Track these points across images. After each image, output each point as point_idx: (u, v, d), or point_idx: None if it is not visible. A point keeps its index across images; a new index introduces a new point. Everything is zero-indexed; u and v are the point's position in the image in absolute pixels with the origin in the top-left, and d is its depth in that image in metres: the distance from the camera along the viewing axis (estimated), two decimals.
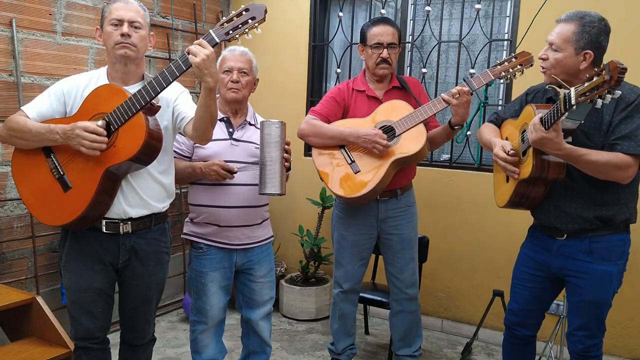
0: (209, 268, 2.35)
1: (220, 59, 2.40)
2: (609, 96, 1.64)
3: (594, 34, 1.93)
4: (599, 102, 1.67)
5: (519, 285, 2.24)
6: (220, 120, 2.36)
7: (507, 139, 2.20)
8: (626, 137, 1.88)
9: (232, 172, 2.25)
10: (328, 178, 2.59)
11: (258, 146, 2.22)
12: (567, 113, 1.76)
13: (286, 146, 2.19)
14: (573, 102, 1.70)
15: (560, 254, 2.07)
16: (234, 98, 2.34)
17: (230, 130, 2.36)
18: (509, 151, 2.04)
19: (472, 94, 2.40)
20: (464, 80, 2.40)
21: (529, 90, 2.26)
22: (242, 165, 2.32)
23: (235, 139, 2.35)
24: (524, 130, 2.03)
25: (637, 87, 1.96)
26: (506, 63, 2.38)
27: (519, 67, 2.35)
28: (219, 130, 2.33)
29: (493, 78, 2.39)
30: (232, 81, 2.32)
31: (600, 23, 1.94)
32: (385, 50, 2.55)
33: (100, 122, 1.84)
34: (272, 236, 2.53)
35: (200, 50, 1.76)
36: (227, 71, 2.35)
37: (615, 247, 2.03)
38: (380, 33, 2.55)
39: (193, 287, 2.40)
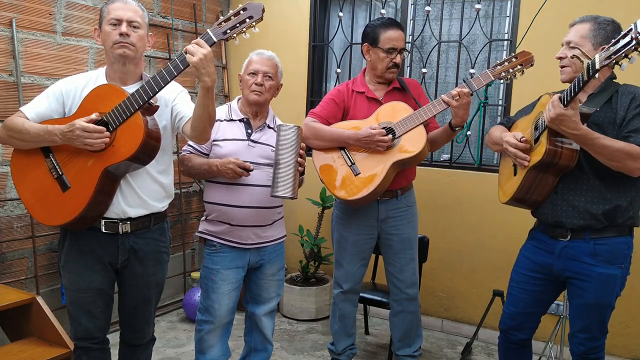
0: (222, 266, 2.35)
1: (246, 60, 2.42)
2: (635, 55, 1.64)
3: (609, 31, 2.00)
4: (624, 64, 1.67)
5: (517, 288, 2.22)
6: (240, 120, 2.38)
7: None
8: (638, 130, 1.91)
9: (247, 170, 2.25)
10: (328, 180, 2.59)
11: (274, 149, 2.22)
12: (587, 102, 1.82)
13: (301, 151, 2.20)
14: (598, 66, 1.72)
15: (564, 255, 2.06)
16: (256, 100, 2.35)
17: (249, 131, 2.37)
18: (520, 138, 2.04)
19: (472, 95, 2.39)
20: (464, 81, 2.40)
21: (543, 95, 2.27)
22: (259, 162, 2.31)
23: (252, 140, 2.35)
24: (538, 119, 2.04)
25: None
26: (506, 63, 2.37)
27: (519, 67, 2.35)
28: (238, 130, 2.35)
29: (493, 78, 2.38)
30: (256, 84, 2.33)
31: (613, 23, 2.02)
32: (398, 55, 2.55)
33: (93, 116, 1.84)
34: (284, 235, 2.54)
35: (197, 50, 1.76)
36: (252, 73, 2.36)
37: (620, 250, 2.02)
38: (396, 38, 2.54)
39: (203, 285, 2.41)
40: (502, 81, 2.39)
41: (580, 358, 2.09)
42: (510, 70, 2.35)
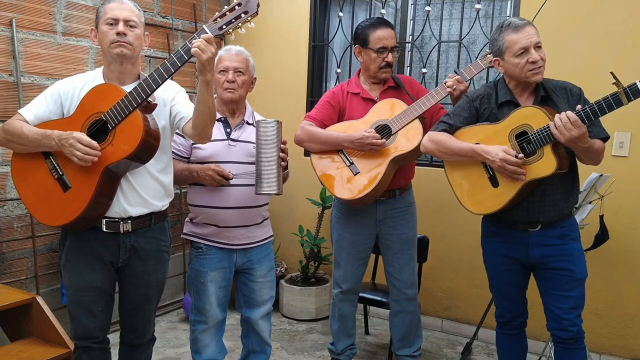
0: (209, 268, 2.35)
1: (216, 59, 2.39)
2: None
3: None
4: None
5: (503, 283, 2.32)
6: (217, 120, 2.36)
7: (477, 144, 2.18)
8: (593, 124, 2.04)
9: (227, 178, 2.24)
10: (328, 182, 2.58)
11: (255, 146, 2.22)
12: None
13: (282, 145, 2.18)
14: None
15: (537, 243, 2.17)
16: (230, 98, 2.34)
17: (228, 130, 2.36)
18: (517, 155, 2.05)
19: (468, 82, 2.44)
20: (455, 72, 2.42)
21: (472, 96, 2.26)
22: (240, 173, 2.30)
23: (232, 139, 2.34)
24: (521, 132, 2.07)
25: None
26: None
27: None
28: (217, 130, 2.33)
29: (483, 67, 2.42)
30: (227, 81, 2.32)
31: None
32: (389, 54, 2.55)
33: (95, 144, 1.84)
34: (272, 235, 2.53)
35: (207, 48, 1.78)
36: (222, 71, 2.34)
37: (577, 227, 2.22)
38: (385, 37, 2.53)
39: (193, 287, 2.40)
40: (495, 69, 2.41)
41: (574, 341, 2.14)
42: None
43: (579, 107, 1.94)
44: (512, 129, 2.10)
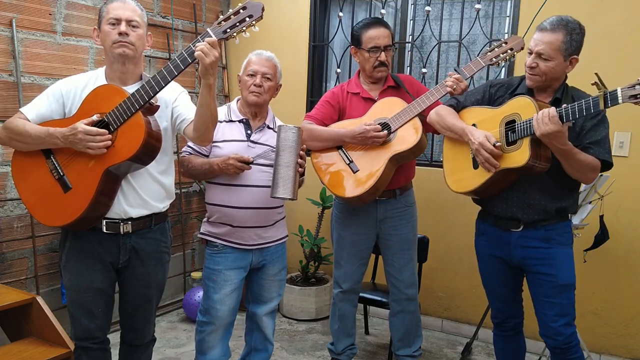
0: (223, 266, 2.35)
1: (245, 61, 2.41)
2: None
3: (579, 40, 2.05)
4: None
5: (492, 283, 2.33)
6: (239, 121, 2.38)
7: (474, 125, 2.21)
8: (597, 143, 2.03)
9: (248, 163, 2.25)
10: (328, 180, 2.59)
11: (274, 150, 2.23)
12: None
13: (301, 152, 2.20)
14: (620, 101, 1.79)
15: (519, 244, 2.16)
16: (255, 102, 2.35)
17: (249, 132, 2.37)
18: (495, 143, 2.06)
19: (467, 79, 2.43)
20: (455, 71, 2.42)
21: (492, 82, 2.31)
22: (259, 154, 2.31)
23: (252, 141, 2.35)
24: (511, 121, 2.08)
25: None
26: (496, 49, 2.39)
27: (509, 51, 2.36)
28: (237, 131, 2.36)
29: (484, 64, 2.40)
30: (254, 85, 2.33)
31: (581, 29, 2.06)
32: (382, 53, 2.55)
33: (94, 117, 1.84)
34: (286, 235, 2.54)
35: (211, 51, 1.78)
36: (251, 74, 2.36)
37: (567, 232, 2.18)
38: (377, 36, 2.53)
39: (204, 287, 2.41)
40: (496, 67, 2.41)
41: (562, 350, 2.12)
42: (501, 55, 2.37)
43: (564, 105, 1.92)
44: (504, 116, 2.11)
